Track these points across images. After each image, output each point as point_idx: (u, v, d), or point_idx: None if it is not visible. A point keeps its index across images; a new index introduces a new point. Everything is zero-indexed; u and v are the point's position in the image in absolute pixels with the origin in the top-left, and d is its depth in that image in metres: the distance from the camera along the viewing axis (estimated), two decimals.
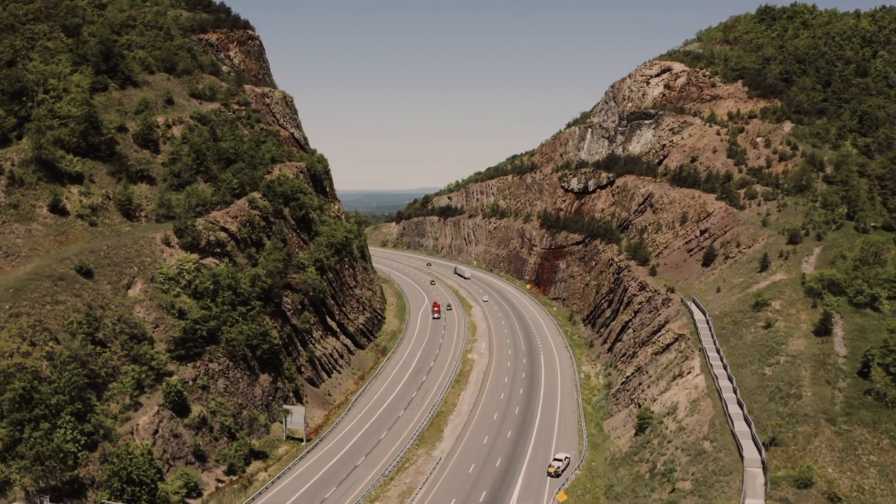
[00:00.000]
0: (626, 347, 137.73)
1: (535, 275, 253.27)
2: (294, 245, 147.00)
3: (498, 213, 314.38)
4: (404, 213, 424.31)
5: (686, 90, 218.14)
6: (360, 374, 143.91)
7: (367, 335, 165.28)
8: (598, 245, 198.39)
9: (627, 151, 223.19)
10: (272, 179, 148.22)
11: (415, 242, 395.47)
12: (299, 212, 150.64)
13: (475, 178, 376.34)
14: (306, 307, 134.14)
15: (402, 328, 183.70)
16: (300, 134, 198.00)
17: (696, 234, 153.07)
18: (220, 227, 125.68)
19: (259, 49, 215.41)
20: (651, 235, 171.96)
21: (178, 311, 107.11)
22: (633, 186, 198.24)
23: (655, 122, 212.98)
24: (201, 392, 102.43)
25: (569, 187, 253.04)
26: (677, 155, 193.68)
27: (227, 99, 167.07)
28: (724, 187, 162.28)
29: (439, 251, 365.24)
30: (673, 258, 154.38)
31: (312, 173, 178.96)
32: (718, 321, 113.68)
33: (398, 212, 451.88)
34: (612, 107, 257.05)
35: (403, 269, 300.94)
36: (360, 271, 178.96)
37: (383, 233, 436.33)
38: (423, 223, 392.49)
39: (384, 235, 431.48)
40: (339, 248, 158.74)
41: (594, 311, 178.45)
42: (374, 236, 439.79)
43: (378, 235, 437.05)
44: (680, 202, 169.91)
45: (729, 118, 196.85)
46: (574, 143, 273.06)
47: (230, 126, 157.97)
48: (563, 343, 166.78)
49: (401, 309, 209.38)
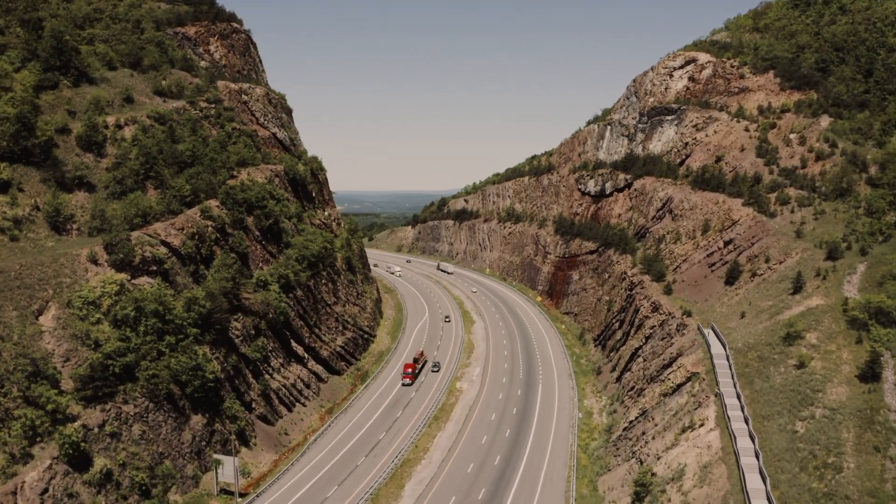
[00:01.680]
0: (634, 379, 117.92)
1: (547, 285, 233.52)
2: (258, 259, 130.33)
3: (513, 217, 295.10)
4: (420, 217, 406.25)
5: (712, 82, 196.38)
6: (329, 406, 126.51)
7: (348, 358, 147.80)
8: (612, 255, 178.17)
9: (647, 150, 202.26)
10: (234, 185, 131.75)
11: (430, 248, 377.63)
12: (265, 221, 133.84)
13: (493, 180, 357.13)
14: (262, 332, 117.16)
15: (392, 348, 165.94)
16: (285, 134, 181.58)
17: (719, 246, 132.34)
18: (161, 241, 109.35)
19: (245, 43, 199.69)
20: (669, 246, 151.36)
21: (94, 341, 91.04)
22: (652, 190, 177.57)
23: (678, 117, 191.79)
24: (109, 441, 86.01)
25: (585, 190, 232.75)
26: (701, 154, 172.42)
27: (194, 96, 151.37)
28: (752, 191, 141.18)
29: (454, 257, 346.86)
30: (692, 273, 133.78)
31: (292, 177, 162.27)
32: (741, 356, 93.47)
33: (414, 215, 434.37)
34: (633, 102, 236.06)
35: (412, 276, 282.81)
36: (343, 286, 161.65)
37: (399, 237, 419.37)
38: (438, 227, 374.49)
39: (399, 240, 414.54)
40: (313, 261, 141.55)
41: (605, 331, 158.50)
42: (389, 241, 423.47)
43: (393, 240, 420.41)
44: (702, 208, 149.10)
45: (759, 112, 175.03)
46: (592, 141, 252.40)
47: (193, 126, 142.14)
48: (567, 369, 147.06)
49: (396, 325, 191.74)
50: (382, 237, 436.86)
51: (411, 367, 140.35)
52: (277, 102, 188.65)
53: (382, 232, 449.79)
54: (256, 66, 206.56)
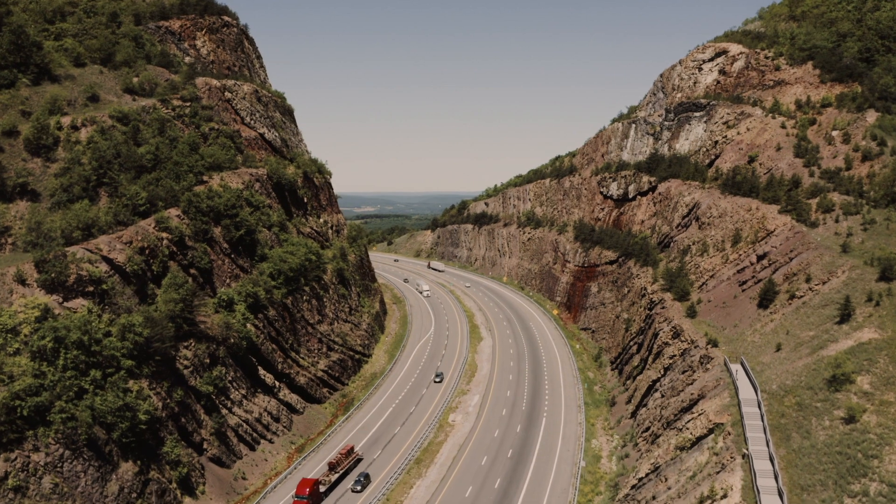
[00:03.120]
0: (650, 418, 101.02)
1: (566, 296, 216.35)
2: (225, 275, 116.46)
3: (533, 221, 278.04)
4: (440, 221, 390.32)
5: (745, 75, 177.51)
6: (301, 442, 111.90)
7: (332, 383, 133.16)
8: (632, 267, 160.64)
9: (674, 150, 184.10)
10: (200, 192, 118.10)
11: (448, 253, 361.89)
12: (235, 231, 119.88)
13: (514, 182, 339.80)
14: (220, 360, 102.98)
15: (387, 369, 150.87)
16: (276, 135, 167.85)
17: (752, 261, 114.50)
18: (102, 258, 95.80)
19: (237, 38, 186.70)
20: (694, 258, 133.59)
21: (8, 375, 77.82)
22: (677, 194, 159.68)
23: (707, 113, 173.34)
24: (13, 496, 72.27)
25: (607, 193, 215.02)
26: (732, 154, 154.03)
27: (166, 94, 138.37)
28: (790, 196, 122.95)
29: (472, 263, 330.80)
30: (720, 292, 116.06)
31: (277, 181, 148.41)
32: (776, 402, 76.30)
33: (433, 219, 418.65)
34: (659, 99, 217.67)
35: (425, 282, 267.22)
36: (332, 301, 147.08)
37: (418, 241, 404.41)
38: (457, 232, 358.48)
39: (419, 244, 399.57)
40: (292, 275, 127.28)
41: (623, 354, 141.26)
42: (408, 245, 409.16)
43: (413, 244, 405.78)
44: (732, 215, 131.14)
45: (797, 107, 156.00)
46: (616, 141, 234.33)
47: (161, 126, 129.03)
48: (577, 399, 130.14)
49: (398, 341, 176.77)
50: (402, 241, 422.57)
51: (309, 486, 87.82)
52: (270, 101, 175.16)
53: (402, 236, 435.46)
54: (250, 63, 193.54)
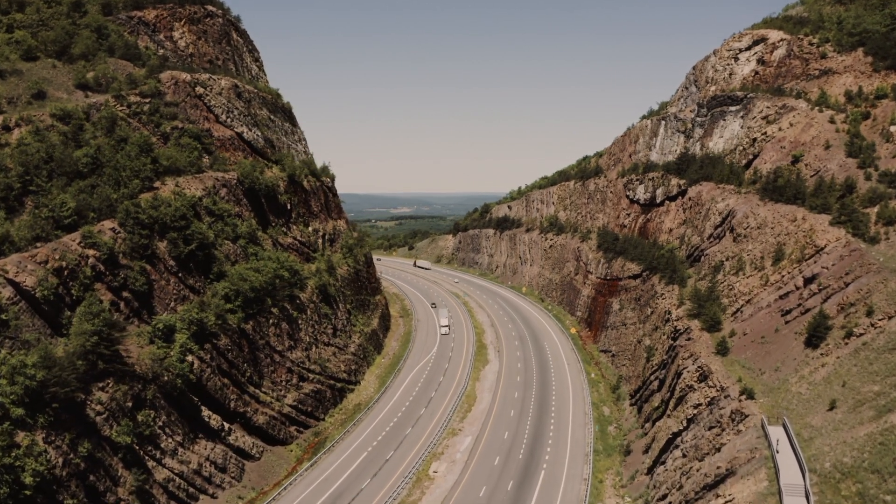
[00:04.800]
0: (668, 483, 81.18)
1: (587, 312, 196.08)
2: (169, 298, 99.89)
3: (556, 227, 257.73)
4: (461, 225, 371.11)
5: (786, 65, 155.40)
6: (252, 496, 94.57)
7: (303, 420, 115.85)
8: (656, 284, 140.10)
9: (706, 149, 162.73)
10: (145, 200, 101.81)
11: (469, 259, 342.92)
12: (184, 246, 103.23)
13: (539, 184, 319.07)
14: (148, 402, 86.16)
15: (374, 399, 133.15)
16: (257, 134, 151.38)
17: (797, 285, 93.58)
18: (8, 280, 79.86)
19: (222, 29, 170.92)
20: (728, 277, 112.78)
21: None
22: (709, 199, 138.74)
23: (744, 107, 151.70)
24: None
25: (634, 197, 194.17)
26: (772, 153, 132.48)
27: (121, 89, 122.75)
28: (844, 204, 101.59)
29: (493, 270, 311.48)
30: (758, 323, 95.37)
31: (250, 187, 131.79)
32: (830, 490, 56.32)
33: (455, 223, 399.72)
34: (692, 93, 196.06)
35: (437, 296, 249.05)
36: (310, 323, 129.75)
37: (440, 246, 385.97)
38: (478, 237, 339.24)
39: (440, 249, 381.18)
40: (253, 296, 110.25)
41: (643, 388, 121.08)
42: (429, 250, 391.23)
43: (434, 249, 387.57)
44: (773, 226, 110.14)
45: (847, 99, 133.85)
46: (645, 140, 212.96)
47: (111, 125, 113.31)
48: (585, 445, 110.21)
49: (394, 363, 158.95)
50: (423, 246, 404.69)
51: None
52: (254, 97, 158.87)
53: (424, 241, 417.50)
54: (238, 56, 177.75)
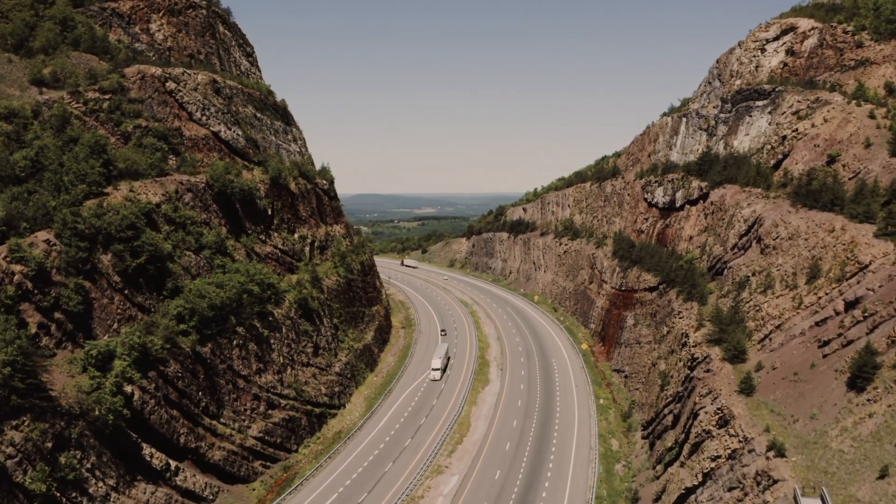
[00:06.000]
0: None
1: (600, 324, 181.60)
2: (113, 318, 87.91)
3: (570, 231, 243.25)
4: (475, 228, 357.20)
5: (818, 55, 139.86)
6: None
7: (271, 453, 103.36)
8: (674, 300, 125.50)
9: (731, 148, 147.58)
10: (89, 208, 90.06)
11: (482, 264, 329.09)
12: (131, 260, 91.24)
13: (555, 186, 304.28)
14: (73, 441, 74.04)
15: (357, 425, 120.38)
16: (237, 133, 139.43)
17: (838, 309, 78.80)
18: None
19: (206, 22, 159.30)
20: (754, 296, 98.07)
21: None
22: (733, 204, 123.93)
23: (772, 102, 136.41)
24: None
25: (652, 200, 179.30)
26: (805, 152, 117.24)
27: (78, 85, 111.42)
28: (891, 213, 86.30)
29: (506, 276, 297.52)
30: (790, 355, 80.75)
31: (221, 191, 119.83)
32: None
33: (469, 225, 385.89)
34: (715, 88, 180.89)
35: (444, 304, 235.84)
36: (285, 342, 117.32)
37: (453, 250, 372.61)
38: (492, 241, 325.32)
39: (453, 253, 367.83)
40: (213, 315, 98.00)
41: (656, 420, 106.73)
42: (442, 254, 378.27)
43: (447, 253, 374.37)
44: (808, 237, 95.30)
45: (888, 92, 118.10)
46: (665, 138, 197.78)
47: (62, 124, 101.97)
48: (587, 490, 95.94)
49: (386, 382, 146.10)
50: (436, 250, 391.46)
51: None
52: (237, 93, 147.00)
53: (437, 244, 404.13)
54: (225, 51, 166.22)
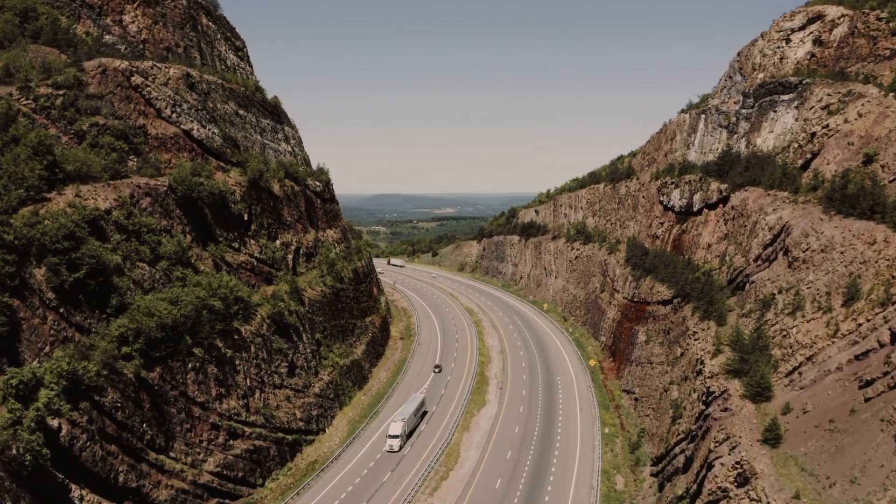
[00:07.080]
0: None
1: (611, 337, 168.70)
2: (44, 340, 77.04)
3: (583, 235, 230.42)
4: (486, 230, 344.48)
5: (849, 44, 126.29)
6: None
7: (231, 489, 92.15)
8: (689, 318, 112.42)
9: (753, 146, 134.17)
10: (22, 217, 79.44)
11: (493, 268, 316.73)
12: (68, 274, 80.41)
13: (568, 187, 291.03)
14: None
15: (335, 454, 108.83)
16: (212, 132, 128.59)
17: (883, 340, 65.71)
18: None
19: (186, 13, 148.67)
20: (781, 318, 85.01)
21: None
22: (757, 209, 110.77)
23: (799, 95, 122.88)
24: None
25: (668, 203, 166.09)
26: (837, 150, 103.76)
27: (29, 80, 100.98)
28: None
29: (517, 282, 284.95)
30: (824, 396, 67.73)
31: (185, 195, 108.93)
32: None
33: (480, 228, 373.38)
34: (736, 82, 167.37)
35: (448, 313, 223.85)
36: (253, 363, 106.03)
37: (463, 253, 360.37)
38: (502, 244, 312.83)
39: (464, 256, 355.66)
40: (163, 336, 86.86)
41: (666, 458, 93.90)
42: (453, 257, 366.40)
43: (458, 256, 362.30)
44: (844, 250, 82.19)
45: None
46: (682, 136, 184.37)
47: (6, 123, 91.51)
48: None
49: (374, 401, 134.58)
50: (447, 253, 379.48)
51: None
52: (215, 89, 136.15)
53: (448, 247, 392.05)
54: (208, 44, 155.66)
